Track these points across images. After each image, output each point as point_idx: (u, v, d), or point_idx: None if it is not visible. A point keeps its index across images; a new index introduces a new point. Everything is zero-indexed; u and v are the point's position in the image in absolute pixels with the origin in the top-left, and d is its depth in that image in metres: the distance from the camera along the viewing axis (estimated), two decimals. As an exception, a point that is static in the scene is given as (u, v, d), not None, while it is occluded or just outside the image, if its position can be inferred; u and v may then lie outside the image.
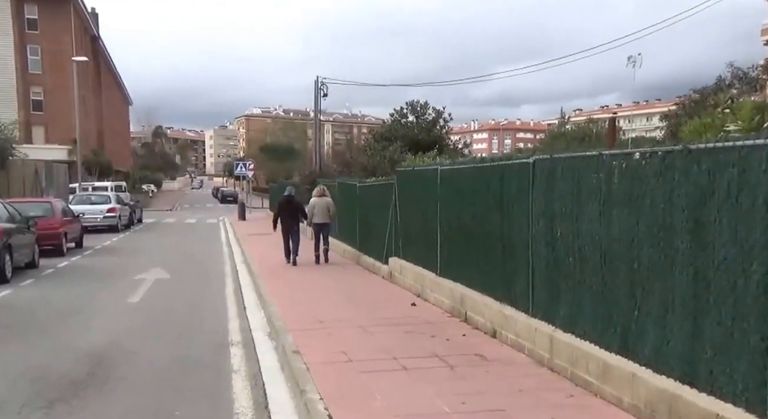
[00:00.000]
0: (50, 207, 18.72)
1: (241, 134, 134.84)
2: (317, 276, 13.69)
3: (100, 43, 70.25)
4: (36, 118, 54.19)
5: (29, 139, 53.05)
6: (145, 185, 75.37)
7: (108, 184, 41.04)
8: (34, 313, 10.30)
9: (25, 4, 53.11)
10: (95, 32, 67.53)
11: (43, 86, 53.81)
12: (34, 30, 53.62)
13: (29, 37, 53.29)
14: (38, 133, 54.49)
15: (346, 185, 17.16)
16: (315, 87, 27.51)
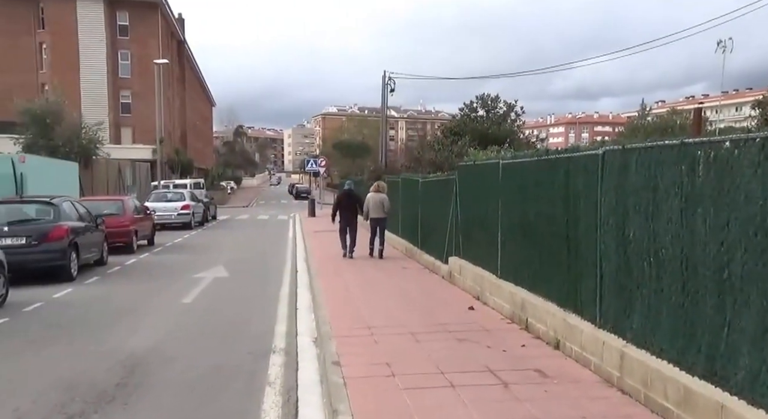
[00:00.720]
0: (122, 205, 18.61)
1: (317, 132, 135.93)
2: (375, 275, 12.92)
3: (186, 48, 71.78)
4: (124, 119, 55.70)
5: (118, 139, 54.63)
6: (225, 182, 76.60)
7: (187, 181, 41.55)
8: (88, 313, 9.91)
9: (118, 11, 54.65)
10: (181, 37, 69.01)
11: (131, 89, 55.26)
12: (124, 36, 55.11)
13: (120, 43, 54.80)
14: (126, 133, 55.99)
15: (409, 181, 16.30)
16: (382, 82, 26.72)
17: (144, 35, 54.91)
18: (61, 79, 52.41)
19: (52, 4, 52.53)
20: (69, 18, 52.69)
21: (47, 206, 13.24)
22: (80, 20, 53.02)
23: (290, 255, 17.52)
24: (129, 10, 54.90)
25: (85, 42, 53.12)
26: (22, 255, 12.36)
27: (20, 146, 29.74)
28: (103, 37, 53.57)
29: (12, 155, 23.41)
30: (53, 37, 52.73)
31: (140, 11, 55.02)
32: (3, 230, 12.39)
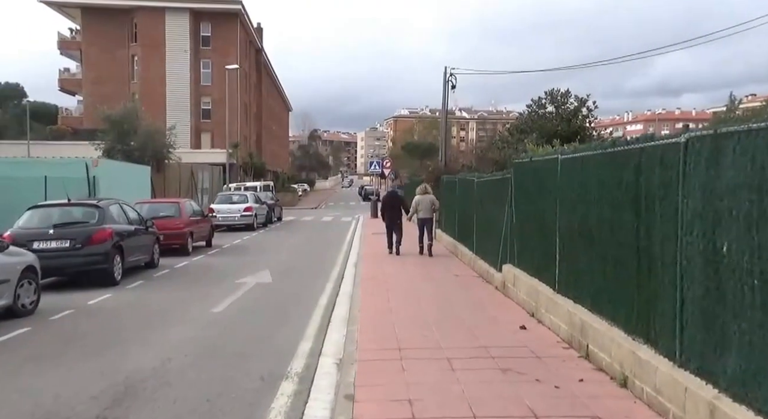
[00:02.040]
0: (178, 207, 17.82)
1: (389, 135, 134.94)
2: (423, 285, 11.47)
3: (263, 56, 72.07)
4: (204, 125, 56.09)
5: (198, 144, 55.11)
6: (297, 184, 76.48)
7: (257, 184, 41.15)
8: (111, 323, 8.89)
9: (201, 22, 55.15)
10: (259, 46, 69.32)
11: (211, 96, 55.63)
12: (206, 46, 55.52)
13: (202, 53, 55.26)
14: (206, 138, 56.37)
15: (464, 181, 14.78)
16: (443, 78, 25.16)
17: (224, 44, 55.14)
18: (149, 89, 53.53)
19: (144, 19, 53.44)
20: (158, 31, 53.52)
21: (93, 208, 12.42)
22: (167, 32, 53.76)
23: (341, 258, 16.30)
24: (211, 20, 55.30)
25: (171, 53, 53.82)
26: (66, 258, 11.63)
27: (101, 151, 29.77)
28: (187, 48, 54.14)
29: (85, 159, 23.18)
30: (143, 49, 53.64)
31: (221, 21, 55.32)
32: (48, 234, 11.66)
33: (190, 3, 54.04)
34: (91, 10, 53.97)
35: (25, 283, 9.19)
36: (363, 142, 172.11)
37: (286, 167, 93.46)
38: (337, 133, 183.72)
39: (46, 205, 12.51)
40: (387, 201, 16.77)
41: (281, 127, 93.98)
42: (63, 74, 61.20)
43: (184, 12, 53.87)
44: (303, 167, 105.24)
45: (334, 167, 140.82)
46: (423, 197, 15.77)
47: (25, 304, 9.18)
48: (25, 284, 9.18)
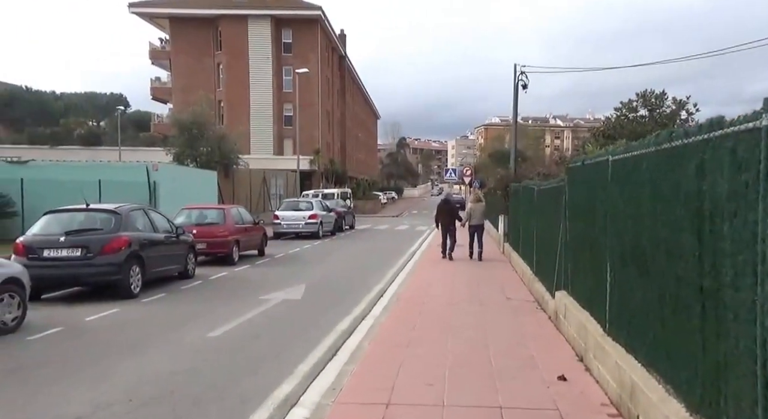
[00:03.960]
0: (222, 214, 16.92)
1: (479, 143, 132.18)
2: (467, 309, 9.83)
3: (347, 62, 71.89)
4: (286, 131, 56.20)
5: (281, 150, 55.26)
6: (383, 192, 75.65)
7: (335, 191, 40.44)
8: (93, 345, 7.83)
9: (283, 29, 55.46)
10: (342, 52, 69.19)
11: (293, 103, 55.78)
12: (288, 53, 55.72)
13: (284, 60, 55.47)
14: (288, 145, 56.48)
15: (526, 190, 13.00)
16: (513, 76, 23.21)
17: (305, 51, 55.16)
18: (234, 96, 54.30)
19: (228, 27, 54.31)
20: (241, 39, 54.22)
21: (110, 214, 11.50)
22: (251, 40, 54.40)
23: (392, 271, 14.89)
24: (293, 27, 55.46)
25: (254, 60, 54.41)
26: (77, 268, 10.77)
27: (171, 156, 29.83)
28: (269, 55, 54.57)
29: (146, 163, 23.00)
30: (228, 57, 54.49)
31: (302, 28, 55.38)
32: (59, 241, 10.85)
33: (271, 10, 54.44)
34: (179, 19, 55.38)
35: (6, 297, 8.30)
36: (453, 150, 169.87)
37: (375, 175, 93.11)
38: (427, 141, 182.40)
39: (62, 210, 11.79)
40: (442, 208, 17.16)
41: (368, 134, 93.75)
42: (154, 83, 63.28)
43: (265, 19, 54.30)
44: (391, 175, 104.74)
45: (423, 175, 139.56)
46: (476, 205, 16.78)
47: (6, 321, 8.30)
48: (5, 299, 8.29)
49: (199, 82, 53.20)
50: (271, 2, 55.66)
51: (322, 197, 36.52)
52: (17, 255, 10.84)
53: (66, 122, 71.73)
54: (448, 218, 16.81)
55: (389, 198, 75.41)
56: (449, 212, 16.93)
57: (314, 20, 55.43)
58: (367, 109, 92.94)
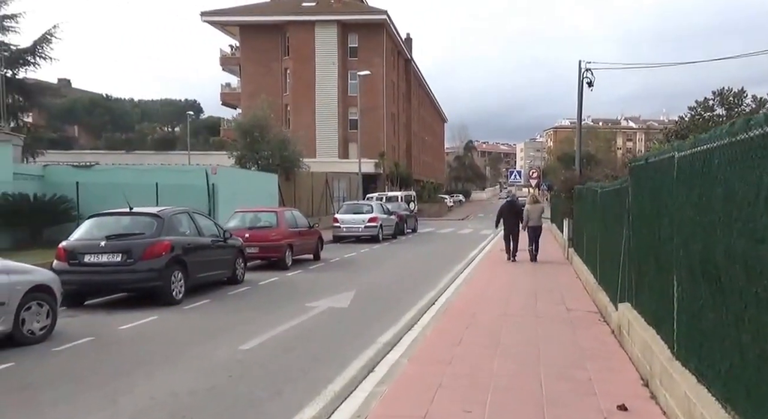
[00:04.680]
0: (275, 217, 16.55)
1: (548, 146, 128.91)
2: (523, 322, 8.98)
3: (413, 66, 71.34)
4: (351, 135, 56.02)
5: (346, 154, 55.18)
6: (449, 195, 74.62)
7: (398, 194, 39.90)
8: (116, 358, 7.41)
9: (349, 34, 55.49)
10: (408, 56, 68.67)
11: (359, 107, 55.63)
12: (354, 57, 55.63)
13: (350, 64, 55.35)
14: (353, 148, 56.30)
15: (589, 191, 12.01)
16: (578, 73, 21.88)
17: (371, 55, 54.88)
18: (300, 100, 54.63)
19: (296, 33, 54.71)
20: (308, 44, 54.50)
21: (152, 218, 11.21)
22: (317, 45, 54.59)
23: (448, 277, 14.18)
24: (359, 32, 55.36)
25: (320, 65, 54.59)
26: (117, 274, 10.51)
27: (233, 159, 29.95)
28: (335, 60, 54.63)
29: (205, 167, 23.02)
30: (295, 62, 54.88)
31: (368, 32, 55.21)
32: (100, 246, 10.62)
33: (337, 15, 54.54)
34: (249, 27, 56.17)
35: (34, 306, 7.99)
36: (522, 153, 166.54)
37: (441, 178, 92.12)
38: (496, 144, 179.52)
39: (105, 214, 11.60)
40: (505, 210, 17.46)
41: (435, 138, 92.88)
42: (224, 89, 64.41)
43: (332, 24, 54.40)
44: (459, 178, 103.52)
45: (491, 178, 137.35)
46: (533, 207, 16.93)
47: (33, 330, 8.00)
48: (33, 307, 7.98)
49: (266, 87, 53.68)
50: (338, 8, 55.80)
51: (386, 200, 36.04)
52: (59, 260, 10.69)
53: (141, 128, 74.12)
54: (511, 221, 17.10)
55: (456, 201, 74.35)
56: (512, 215, 17.19)
57: (380, 24, 55.14)
58: (434, 112, 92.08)
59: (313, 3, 56.66)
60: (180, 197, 20.81)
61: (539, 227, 16.83)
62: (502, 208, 17.68)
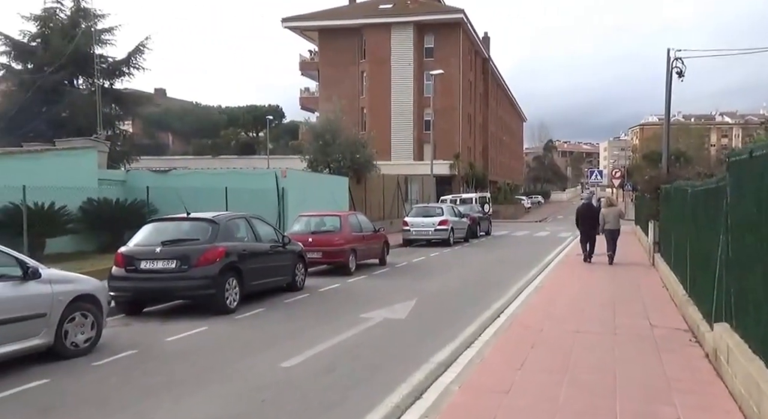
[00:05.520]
0: (339, 221, 15.86)
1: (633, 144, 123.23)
2: (592, 337, 7.85)
3: (491, 65, 69.71)
4: (427, 136, 55.17)
5: (420, 155, 54.31)
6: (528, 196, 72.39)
7: (473, 195, 38.69)
8: (163, 374, 6.82)
9: (425, 35, 54.69)
10: (486, 55, 67.10)
11: (434, 107, 54.62)
12: (430, 58, 54.74)
13: (426, 65, 54.50)
14: (428, 150, 55.41)
15: (678, 191, 10.63)
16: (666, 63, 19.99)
17: (447, 55, 53.80)
18: (376, 103, 54.26)
19: (372, 36, 54.38)
20: (385, 46, 54.06)
21: (206, 224, 10.67)
22: (393, 47, 54.07)
23: (518, 286, 13.03)
24: (435, 32, 54.44)
25: (396, 67, 54.04)
26: (171, 281, 10.02)
27: (305, 162, 29.66)
28: (411, 61, 53.92)
29: (275, 170, 22.73)
30: (371, 65, 54.56)
31: (444, 32, 54.18)
32: (155, 252, 10.21)
33: (414, 16, 53.80)
34: (327, 31, 56.30)
35: (78, 317, 7.53)
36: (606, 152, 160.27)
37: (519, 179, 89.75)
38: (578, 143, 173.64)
39: (162, 219, 11.22)
40: (582, 212, 17.22)
41: (513, 138, 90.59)
42: (303, 93, 64.99)
43: (408, 26, 53.71)
44: (538, 179, 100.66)
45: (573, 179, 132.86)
46: (609, 210, 16.59)
47: (77, 342, 7.52)
48: (77, 318, 7.52)
49: (344, 90, 53.52)
50: (414, 8, 55.06)
51: (460, 201, 34.93)
52: (117, 266, 10.34)
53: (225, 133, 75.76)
54: (588, 223, 16.82)
55: (534, 203, 72.04)
56: (589, 217, 16.88)
57: (456, 24, 54.01)
58: (512, 111, 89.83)
59: (390, 5, 56.13)
60: (250, 200, 20.60)
61: (616, 230, 16.30)
62: (579, 210, 17.44)
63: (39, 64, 33.68)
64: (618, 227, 16.36)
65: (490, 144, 68.58)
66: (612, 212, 16.55)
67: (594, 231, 16.67)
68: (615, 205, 17.27)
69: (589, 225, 16.76)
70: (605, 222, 16.32)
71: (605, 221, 16.33)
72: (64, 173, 19.17)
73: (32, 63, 34.24)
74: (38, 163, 19.40)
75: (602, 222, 16.40)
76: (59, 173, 18.89)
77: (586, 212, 17.10)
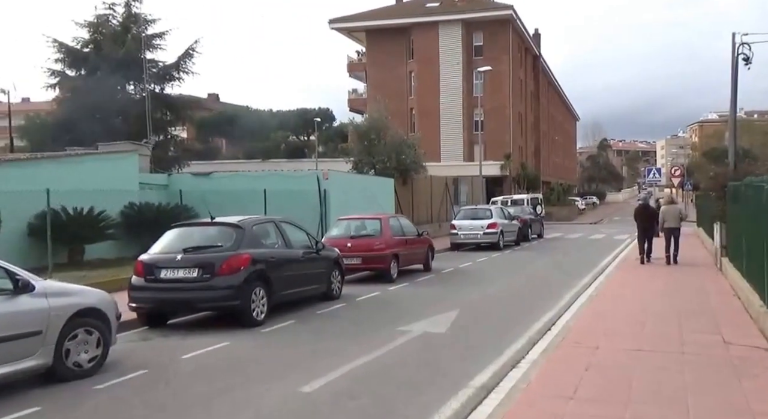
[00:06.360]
0: (379, 225, 15.01)
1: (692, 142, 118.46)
2: (653, 359, 6.77)
3: (542, 63, 67.91)
4: (476, 137, 53.95)
5: (471, 156, 53.08)
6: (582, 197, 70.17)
7: (524, 197, 37.38)
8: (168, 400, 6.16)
9: (474, 33, 53.54)
10: (537, 52, 65.37)
11: (484, 107, 53.21)
12: (479, 56, 53.51)
13: (475, 63, 53.22)
14: (477, 150, 54.16)
15: (751, 189, 9.40)
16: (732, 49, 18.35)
17: (496, 53, 52.38)
18: (425, 103, 53.36)
19: (420, 35, 53.54)
20: (432, 46, 53.15)
21: (231, 229, 10.00)
22: (441, 46, 53.12)
23: (571, 295, 11.95)
24: (483, 29, 53.17)
25: (444, 66, 53.06)
26: (192, 292, 9.35)
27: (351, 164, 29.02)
28: (459, 60, 52.84)
29: (317, 172, 22.15)
30: (419, 65, 53.72)
31: (493, 29, 52.84)
32: (176, 260, 9.55)
33: (462, 14, 52.71)
34: (374, 31, 55.69)
35: (80, 333, 6.87)
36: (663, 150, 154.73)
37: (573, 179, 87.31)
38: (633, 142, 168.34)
39: (184, 224, 10.64)
40: (639, 212, 17.20)
41: (566, 137, 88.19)
42: (351, 95, 64.58)
43: (456, 24, 52.64)
44: (592, 179, 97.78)
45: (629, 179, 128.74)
46: (668, 208, 16.40)
47: (80, 362, 6.86)
48: (79, 336, 6.86)
49: (391, 91, 52.74)
50: (462, 6, 53.93)
51: (511, 203, 33.75)
52: (136, 276, 9.74)
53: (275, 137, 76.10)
54: (646, 223, 16.67)
55: (588, 204, 69.75)
56: (647, 217, 16.77)
57: (506, 20, 52.60)
58: (565, 110, 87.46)
59: (437, 3, 55.17)
60: (291, 203, 20.06)
61: (677, 228, 16.02)
62: (637, 209, 17.51)
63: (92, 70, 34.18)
64: (678, 226, 16.04)
65: (542, 144, 66.71)
66: (672, 210, 16.29)
67: (651, 231, 16.48)
68: (675, 203, 17.16)
69: (645, 225, 16.61)
70: (664, 220, 16.04)
71: (664, 220, 16.04)
72: (105, 177, 18.95)
73: (85, 69, 34.75)
74: (78, 167, 19.22)
75: (661, 220, 16.15)
76: (100, 177, 18.67)
77: (643, 212, 17.02)
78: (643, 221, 16.70)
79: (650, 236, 16.51)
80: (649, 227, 16.56)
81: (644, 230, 16.64)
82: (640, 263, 16.26)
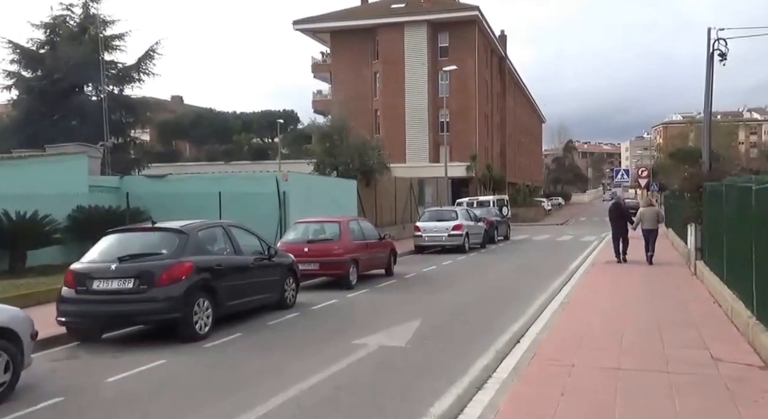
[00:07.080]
0: (338, 229, 14.17)
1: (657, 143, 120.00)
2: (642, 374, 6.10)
3: (508, 64, 67.76)
4: (441, 138, 53.38)
5: (436, 158, 52.53)
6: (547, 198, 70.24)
7: (490, 198, 36.88)
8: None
9: (439, 34, 53.00)
10: (502, 53, 65.17)
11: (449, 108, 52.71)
12: (444, 57, 52.94)
13: (440, 64, 52.67)
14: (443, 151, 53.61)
15: (735, 189, 8.82)
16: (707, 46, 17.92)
17: (462, 54, 51.86)
18: (390, 104, 52.61)
19: (385, 36, 52.83)
20: (398, 46, 52.46)
21: (173, 235, 9.09)
22: (407, 47, 52.45)
23: (541, 301, 11.26)
24: (449, 30, 52.68)
25: (410, 67, 52.42)
26: (128, 304, 8.41)
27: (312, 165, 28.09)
28: (425, 61, 52.29)
29: (276, 173, 21.21)
30: (384, 66, 52.97)
31: (459, 30, 52.39)
32: (110, 270, 8.60)
33: (427, 15, 52.15)
34: (339, 32, 54.82)
35: (-16, 357, 5.96)
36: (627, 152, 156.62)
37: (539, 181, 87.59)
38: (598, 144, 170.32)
39: (123, 230, 9.68)
40: (611, 212, 17.45)
41: (532, 139, 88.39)
42: (316, 96, 63.50)
43: (422, 24, 52.06)
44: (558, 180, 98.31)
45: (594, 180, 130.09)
46: (646, 209, 16.73)
47: (-16, 391, 5.94)
48: (-17, 360, 5.94)
49: (356, 92, 52.06)
50: (428, 7, 53.33)
51: (477, 204, 33.21)
52: (67, 287, 8.77)
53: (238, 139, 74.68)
54: (617, 222, 16.92)
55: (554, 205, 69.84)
56: (619, 217, 17.02)
57: (471, 21, 52.19)
58: (531, 112, 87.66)
59: (403, 4, 54.50)
60: (249, 206, 19.16)
61: (654, 230, 16.36)
62: (609, 210, 17.80)
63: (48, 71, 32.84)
64: (655, 227, 16.38)
65: (508, 145, 66.53)
66: (649, 211, 16.64)
67: (624, 231, 16.72)
68: (653, 205, 17.73)
69: (618, 224, 16.87)
70: (641, 221, 16.37)
71: (642, 221, 16.38)
72: (52, 179, 17.94)
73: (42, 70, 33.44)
74: (24, 170, 18.14)
75: (638, 221, 16.51)
76: (47, 180, 17.67)
77: (615, 211, 17.30)
78: (616, 220, 16.94)
79: (624, 235, 16.70)
80: (623, 225, 16.78)
81: (616, 228, 16.87)
82: (616, 262, 16.40)
